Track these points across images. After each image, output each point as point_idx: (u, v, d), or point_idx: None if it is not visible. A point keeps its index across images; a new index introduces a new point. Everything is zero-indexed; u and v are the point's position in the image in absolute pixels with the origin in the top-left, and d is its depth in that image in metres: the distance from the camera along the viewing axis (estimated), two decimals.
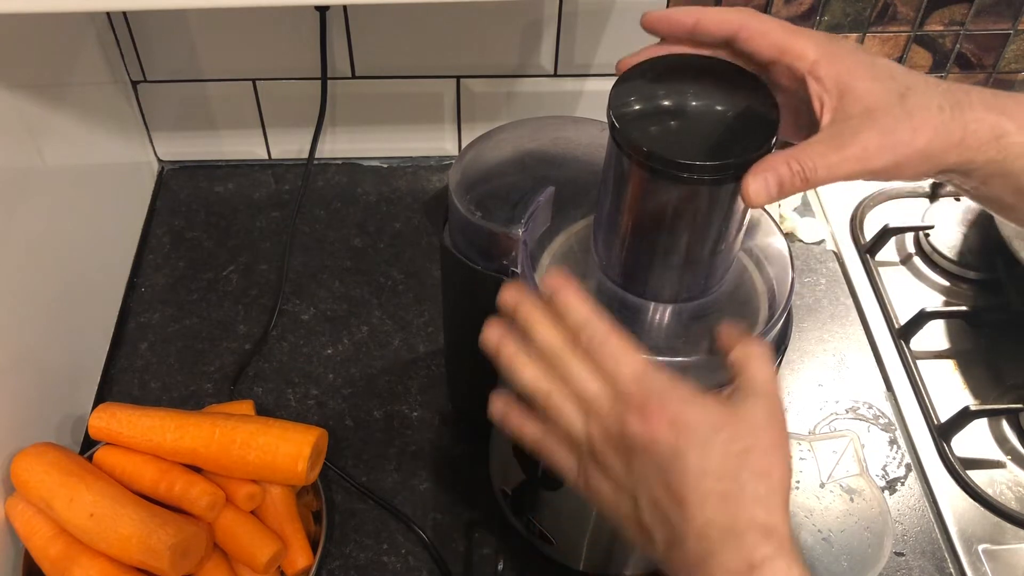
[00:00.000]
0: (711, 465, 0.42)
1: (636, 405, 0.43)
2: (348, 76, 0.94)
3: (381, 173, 1.02)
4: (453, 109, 0.98)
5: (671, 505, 0.42)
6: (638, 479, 0.43)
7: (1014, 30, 0.93)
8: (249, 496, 0.66)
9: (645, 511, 0.43)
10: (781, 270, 0.54)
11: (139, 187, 0.97)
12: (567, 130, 0.61)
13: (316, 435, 0.66)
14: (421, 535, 0.72)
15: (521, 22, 0.90)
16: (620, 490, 0.44)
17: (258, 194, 0.99)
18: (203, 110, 0.97)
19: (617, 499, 0.45)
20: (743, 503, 0.42)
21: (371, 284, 0.90)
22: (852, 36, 0.92)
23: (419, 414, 0.80)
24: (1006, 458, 0.78)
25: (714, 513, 0.41)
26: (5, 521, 0.65)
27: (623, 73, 0.48)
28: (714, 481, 0.42)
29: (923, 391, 0.81)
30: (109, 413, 0.68)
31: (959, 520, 0.74)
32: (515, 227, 0.55)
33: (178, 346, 0.85)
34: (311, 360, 0.84)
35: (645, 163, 0.45)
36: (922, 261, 0.93)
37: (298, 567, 0.67)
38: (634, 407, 0.43)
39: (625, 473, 0.44)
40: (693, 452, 0.42)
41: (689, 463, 0.42)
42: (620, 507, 0.45)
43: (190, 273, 0.91)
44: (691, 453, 0.42)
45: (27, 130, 0.71)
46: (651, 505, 0.43)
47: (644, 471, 0.43)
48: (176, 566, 0.61)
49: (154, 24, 0.88)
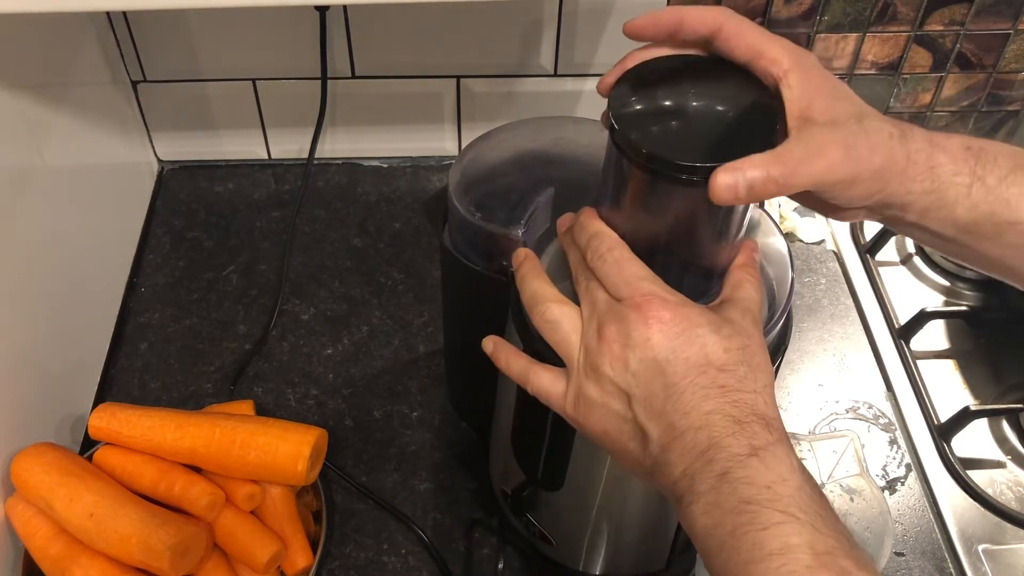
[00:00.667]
0: (711, 357, 0.43)
1: (636, 303, 0.44)
2: (348, 76, 0.94)
3: (381, 173, 1.01)
4: (453, 109, 0.98)
5: (669, 398, 0.43)
6: (634, 375, 0.44)
7: (1014, 30, 0.93)
8: (249, 496, 0.66)
9: (640, 410, 0.44)
10: (781, 270, 0.54)
11: (139, 187, 0.97)
12: (567, 130, 0.61)
13: (316, 435, 0.66)
14: (421, 535, 0.72)
15: (521, 22, 0.90)
16: (612, 392, 0.45)
17: (258, 194, 0.99)
18: (203, 110, 0.97)
19: (608, 404, 0.45)
20: (744, 393, 0.43)
21: (371, 284, 0.90)
22: (852, 36, 0.92)
23: (419, 414, 0.80)
24: (1006, 458, 0.78)
25: (716, 404, 0.42)
26: (5, 521, 0.65)
27: (624, 74, 0.48)
28: (714, 372, 0.43)
29: (923, 391, 0.81)
30: (109, 413, 0.68)
31: (959, 520, 0.74)
32: (515, 228, 0.55)
33: (178, 346, 0.85)
34: (311, 360, 0.84)
35: (644, 164, 0.45)
36: (922, 261, 0.93)
37: (298, 567, 0.67)
38: (634, 304, 0.44)
39: (619, 372, 0.44)
40: (693, 346, 0.43)
41: (690, 355, 0.43)
42: (611, 413, 0.45)
43: (190, 273, 0.91)
44: (691, 346, 0.43)
45: (27, 130, 0.71)
46: (646, 402, 0.43)
47: (641, 367, 0.43)
48: (176, 566, 0.61)
49: (154, 24, 0.88)
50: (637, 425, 0.44)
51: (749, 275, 0.48)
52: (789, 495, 0.40)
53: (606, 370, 0.44)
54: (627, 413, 0.44)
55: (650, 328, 0.43)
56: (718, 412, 0.42)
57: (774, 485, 0.40)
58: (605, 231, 0.48)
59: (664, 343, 0.43)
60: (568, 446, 0.56)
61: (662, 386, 0.43)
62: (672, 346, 0.43)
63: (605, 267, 0.46)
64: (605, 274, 0.46)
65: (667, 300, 0.44)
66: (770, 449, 0.41)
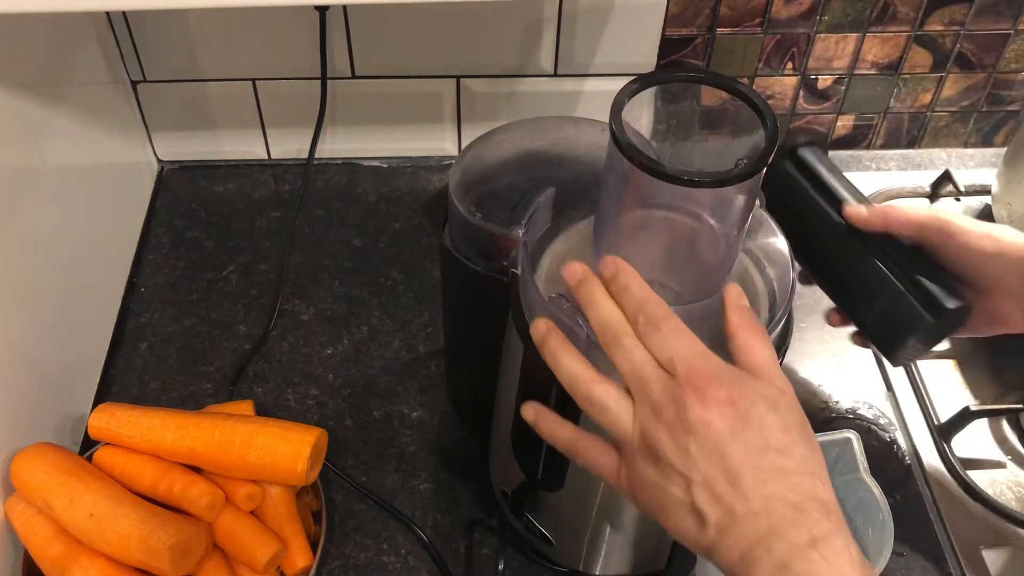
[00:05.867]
0: (771, 441, 0.42)
1: (695, 385, 0.43)
2: (348, 76, 0.94)
3: (381, 173, 1.01)
4: (453, 109, 0.98)
5: (729, 483, 0.42)
6: (694, 460, 0.43)
7: (1014, 30, 0.93)
8: (249, 496, 0.66)
9: (699, 494, 0.43)
10: (782, 271, 0.54)
11: (139, 187, 0.97)
12: (567, 130, 0.61)
13: (316, 435, 0.66)
14: (421, 535, 0.72)
15: (521, 22, 0.90)
16: (670, 476, 0.44)
17: (258, 194, 0.99)
18: (203, 110, 0.96)
19: (666, 487, 0.44)
20: (803, 476, 0.42)
21: (371, 284, 0.90)
22: (852, 36, 0.92)
23: (419, 414, 0.80)
24: (1006, 458, 0.78)
25: (776, 488, 0.42)
26: (5, 521, 0.65)
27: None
28: (774, 456, 0.42)
29: (923, 391, 0.81)
30: (109, 413, 0.68)
31: (959, 520, 0.74)
32: (515, 228, 0.55)
33: (178, 346, 0.85)
34: (311, 360, 0.84)
35: (646, 164, 0.45)
36: None
37: (298, 567, 0.67)
38: (692, 387, 0.43)
39: (679, 456, 0.43)
40: (751, 427, 0.43)
41: (749, 437, 0.42)
42: (669, 496, 0.44)
43: (190, 273, 0.91)
44: (749, 428, 0.43)
45: (27, 130, 0.71)
46: (706, 486, 0.43)
47: (701, 451, 0.43)
48: (176, 566, 0.61)
49: (154, 24, 0.88)
50: (695, 507, 0.43)
51: (753, 334, 0.47)
52: None
53: (665, 453, 0.43)
54: (685, 497, 0.43)
55: (709, 411, 0.43)
56: (778, 498, 0.41)
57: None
58: (655, 296, 0.46)
59: (724, 426, 0.42)
60: None
61: (722, 471, 0.42)
62: (732, 428, 0.42)
63: (660, 337, 0.45)
64: (659, 345, 0.45)
65: (724, 380, 0.44)
66: (830, 540, 0.40)
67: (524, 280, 0.53)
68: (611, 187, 0.50)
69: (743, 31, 0.91)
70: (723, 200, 0.48)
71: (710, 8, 0.89)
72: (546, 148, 0.61)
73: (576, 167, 0.59)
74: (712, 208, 0.49)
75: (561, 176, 0.58)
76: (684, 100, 0.52)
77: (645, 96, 0.49)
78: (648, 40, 0.92)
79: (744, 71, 0.95)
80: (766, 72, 0.96)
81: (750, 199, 0.48)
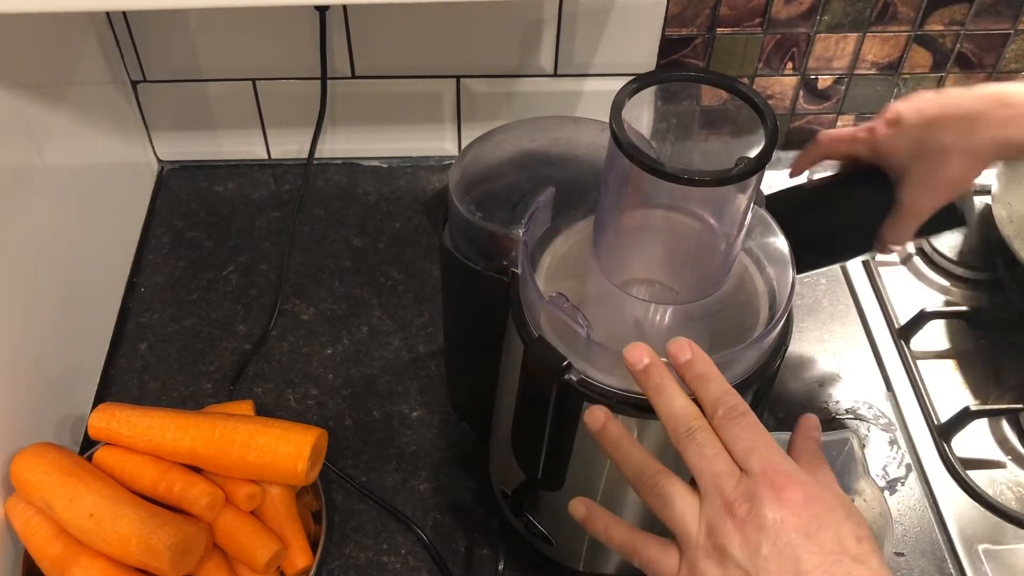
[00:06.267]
0: (846, 545, 0.41)
1: (772, 481, 0.42)
2: (348, 76, 0.94)
3: (381, 173, 1.01)
4: (453, 109, 0.98)
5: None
6: (764, 560, 0.41)
7: (1014, 30, 0.93)
8: (249, 496, 0.66)
9: None
10: (782, 270, 0.54)
11: (139, 187, 0.97)
12: (567, 130, 0.61)
13: (316, 435, 0.66)
14: (421, 535, 0.72)
15: (521, 22, 0.90)
16: None
17: (258, 194, 0.99)
18: (203, 110, 0.96)
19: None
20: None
21: (371, 284, 0.90)
22: (852, 36, 0.92)
23: (419, 414, 0.80)
24: (1006, 458, 0.78)
25: None
26: (5, 521, 0.65)
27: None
28: (849, 562, 0.41)
29: (923, 391, 0.81)
30: (108, 413, 0.68)
31: (959, 520, 0.74)
32: (515, 228, 0.55)
33: (178, 346, 0.85)
34: (311, 360, 0.84)
35: (646, 163, 0.45)
36: (922, 261, 0.93)
37: (298, 567, 0.67)
38: (769, 483, 0.42)
39: (748, 555, 0.41)
40: (827, 530, 0.41)
41: (824, 541, 0.41)
42: None
43: (190, 273, 0.91)
44: (825, 531, 0.41)
45: (27, 130, 0.71)
46: None
47: (773, 552, 0.41)
48: (176, 566, 0.61)
49: (154, 24, 0.88)
50: None
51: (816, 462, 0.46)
52: None
53: (734, 552, 0.41)
54: None
55: (784, 510, 0.41)
56: None
57: None
58: (733, 390, 0.45)
59: (799, 527, 0.41)
60: (568, 446, 0.56)
61: (794, 574, 0.40)
62: (807, 530, 0.41)
63: (738, 431, 0.44)
64: (736, 438, 0.43)
65: (801, 480, 0.42)
66: None
67: (524, 280, 0.53)
68: (611, 187, 0.50)
69: (743, 31, 0.91)
70: (723, 200, 0.48)
71: (710, 8, 0.89)
72: (546, 148, 0.61)
73: (576, 167, 0.59)
74: (712, 208, 0.49)
75: (561, 176, 0.58)
76: (684, 100, 0.52)
77: (645, 96, 0.49)
78: (648, 40, 0.92)
79: (744, 71, 0.95)
80: (766, 72, 0.96)
81: (750, 199, 0.48)
